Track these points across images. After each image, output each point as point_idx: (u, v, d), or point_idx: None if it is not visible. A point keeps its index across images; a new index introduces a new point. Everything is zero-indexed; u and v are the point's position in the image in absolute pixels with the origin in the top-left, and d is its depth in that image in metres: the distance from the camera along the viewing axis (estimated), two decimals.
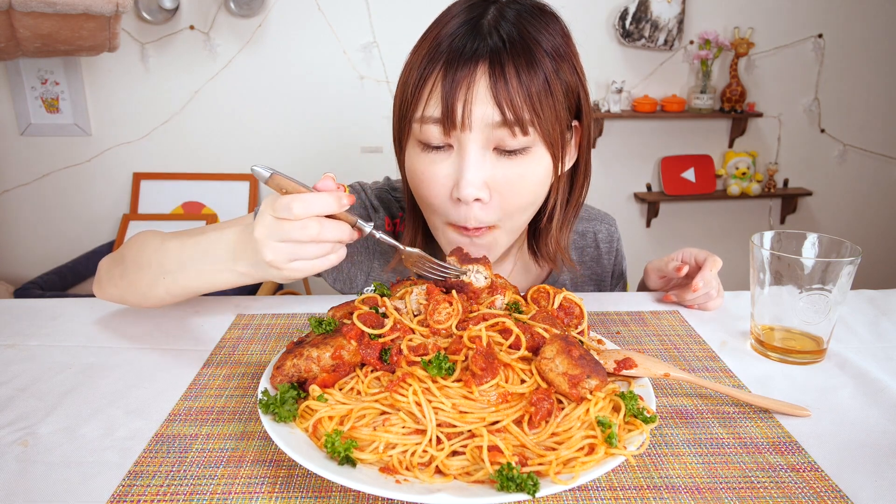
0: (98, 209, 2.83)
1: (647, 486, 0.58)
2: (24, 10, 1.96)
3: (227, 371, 0.78)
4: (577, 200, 0.93)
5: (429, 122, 0.77)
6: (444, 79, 0.75)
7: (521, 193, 0.80)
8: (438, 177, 0.79)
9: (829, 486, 0.58)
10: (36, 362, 0.80)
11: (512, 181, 0.79)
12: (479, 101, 0.75)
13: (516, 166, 0.79)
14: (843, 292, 0.78)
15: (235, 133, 2.80)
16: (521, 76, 0.75)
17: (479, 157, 0.77)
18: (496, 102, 0.74)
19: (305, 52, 2.72)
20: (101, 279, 0.91)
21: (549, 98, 0.77)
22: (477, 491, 0.53)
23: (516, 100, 0.74)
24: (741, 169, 3.04)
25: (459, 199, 0.78)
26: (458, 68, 0.75)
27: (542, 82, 0.76)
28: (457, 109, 0.75)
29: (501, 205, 0.80)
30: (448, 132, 0.77)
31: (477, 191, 0.77)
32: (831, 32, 2.95)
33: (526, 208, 0.84)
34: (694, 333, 0.89)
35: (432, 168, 0.80)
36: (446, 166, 0.79)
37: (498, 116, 0.75)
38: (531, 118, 0.76)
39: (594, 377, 0.60)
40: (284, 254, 0.65)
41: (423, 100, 0.78)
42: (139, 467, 0.60)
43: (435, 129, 0.77)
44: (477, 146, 0.77)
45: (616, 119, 2.92)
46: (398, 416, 0.59)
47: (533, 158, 0.79)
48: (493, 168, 0.78)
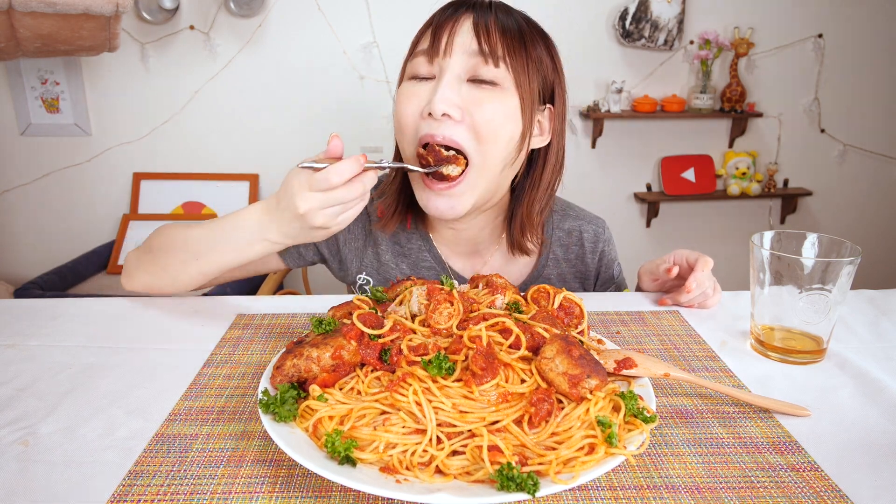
0: (98, 209, 2.83)
1: (647, 485, 0.58)
2: (24, 10, 1.96)
3: (227, 371, 0.79)
4: (550, 182, 1.00)
5: (418, 55, 0.90)
6: (434, 24, 0.90)
7: (486, 122, 0.88)
8: (416, 98, 0.90)
9: (829, 486, 0.58)
10: (36, 362, 0.80)
11: (480, 107, 0.88)
12: (462, 32, 0.88)
13: (487, 96, 0.88)
14: (843, 292, 0.78)
15: (235, 133, 2.80)
16: (500, 21, 0.89)
17: (454, 79, 0.88)
18: (475, 33, 0.88)
19: (305, 52, 2.72)
20: (130, 269, 1.00)
21: (522, 50, 0.89)
22: (477, 491, 0.53)
23: (493, 36, 0.87)
24: (741, 169, 3.04)
25: (431, 113, 0.87)
26: (447, 12, 0.90)
27: (517, 34, 0.89)
28: (442, 39, 0.88)
29: (469, 127, 0.88)
30: (432, 59, 0.89)
31: (446, 106, 0.86)
32: (831, 32, 2.95)
33: (491, 139, 0.89)
34: (694, 333, 0.89)
35: (412, 91, 0.91)
36: (426, 90, 0.90)
37: (475, 45, 0.87)
38: (503, 54, 0.88)
39: (594, 377, 0.60)
40: (332, 214, 0.78)
41: (417, 44, 0.92)
42: (139, 467, 0.60)
43: (422, 61, 0.90)
44: (453, 73, 0.88)
45: (616, 119, 2.92)
46: (398, 415, 0.59)
47: (503, 94, 0.89)
48: (465, 94, 0.88)
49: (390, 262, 1.07)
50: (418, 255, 1.06)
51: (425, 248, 1.06)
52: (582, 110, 2.92)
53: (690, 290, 0.95)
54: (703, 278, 0.96)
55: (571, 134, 2.97)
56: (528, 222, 1.00)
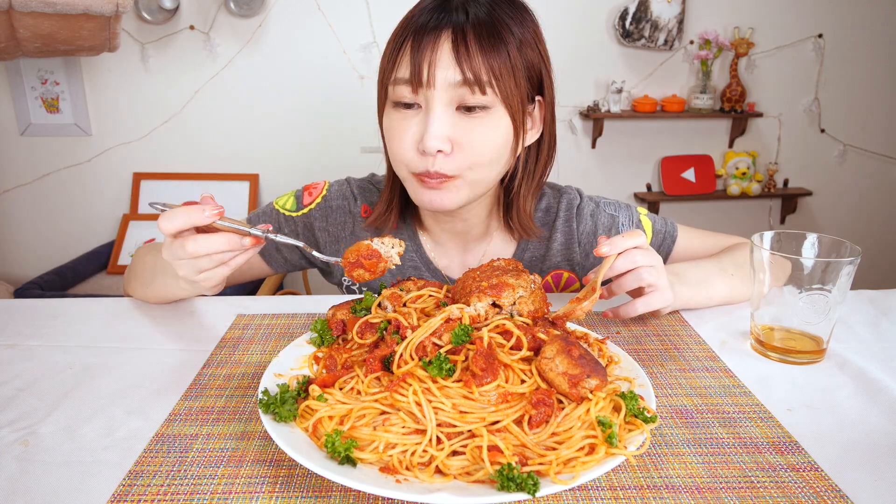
0: (98, 209, 2.83)
1: (647, 485, 0.58)
2: (24, 10, 1.96)
3: (227, 371, 0.79)
4: (542, 172, 1.00)
5: (400, 83, 0.87)
6: (412, 45, 0.85)
7: (480, 149, 0.88)
8: (407, 132, 0.88)
9: (829, 486, 0.58)
10: (36, 362, 0.80)
11: (472, 136, 0.87)
12: (442, 64, 0.84)
13: (477, 123, 0.87)
14: (843, 292, 0.78)
15: (235, 133, 2.80)
16: (480, 43, 0.84)
17: (443, 113, 0.86)
18: (456, 64, 0.84)
19: (305, 52, 2.72)
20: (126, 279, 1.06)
21: (508, 64, 0.86)
22: (477, 491, 0.53)
23: (475, 62, 0.84)
24: (741, 169, 3.04)
25: (424, 150, 0.86)
26: (424, 35, 0.85)
27: (500, 51, 0.85)
28: (423, 70, 0.84)
29: (463, 158, 0.88)
30: (416, 90, 0.86)
31: (439, 143, 0.85)
32: (831, 32, 2.95)
33: (487, 165, 0.90)
34: (694, 333, 0.89)
35: (402, 124, 0.89)
36: (415, 122, 0.88)
37: (459, 76, 0.84)
38: (489, 79, 0.85)
39: (594, 377, 0.60)
40: (188, 269, 0.75)
41: (396, 65, 0.87)
42: (139, 467, 0.60)
43: (405, 89, 0.87)
44: (441, 104, 0.85)
45: (616, 119, 2.92)
46: (398, 415, 0.59)
47: (492, 118, 0.87)
48: (455, 125, 0.86)
49: None
50: (406, 255, 1.06)
51: (413, 248, 1.06)
52: (582, 110, 2.92)
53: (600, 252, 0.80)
54: (622, 245, 0.80)
55: (571, 134, 2.97)
56: (524, 210, 1.01)
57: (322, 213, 1.07)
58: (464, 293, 0.70)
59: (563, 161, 2.91)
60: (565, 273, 1.08)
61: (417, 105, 0.87)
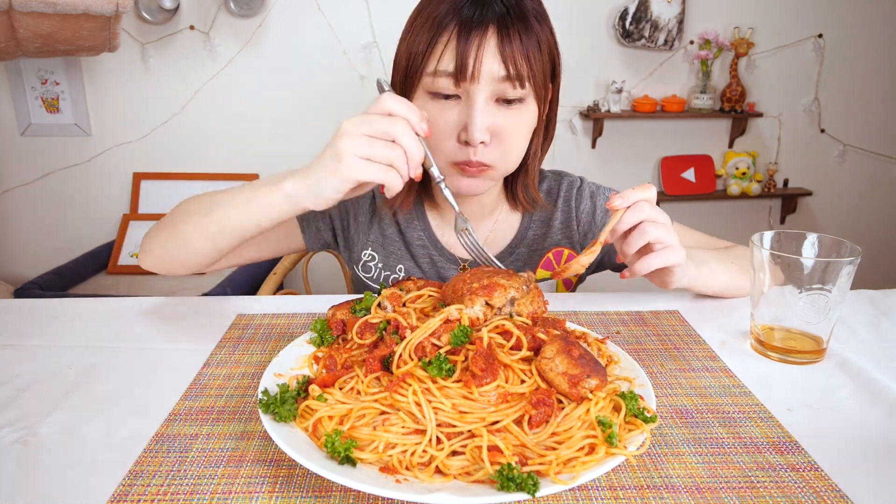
0: (98, 209, 2.83)
1: (647, 485, 0.58)
2: (24, 10, 1.96)
3: (227, 371, 0.79)
4: (546, 148, 1.06)
5: (441, 76, 0.88)
6: (459, 38, 0.87)
7: (516, 138, 0.94)
8: (449, 123, 0.91)
9: (829, 486, 0.58)
10: (36, 362, 0.80)
11: (510, 127, 0.91)
12: (489, 58, 0.87)
13: (514, 115, 0.91)
14: (843, 292, 0.78)
15: (235, 133, 2.80)
16: (522, 39, 0.87)
17: (485, 106, 0.89)
18: (502, 60, 0.87)
19: (305, 52, 2.72)
20: (146, 242, 0.98)
21: (540, 57, 0.90)
22: (477, 490, 0.53)
23: (518, 59, 0.87)
24: (741, 169, 3.04)
25: (468, 142, 0.90)
26: (472, 29, 0.86)
27: (535, 44, 0.89)
28: (469, 64, 0.86)
29: (500, 148, 0.92)
30: (458, 84, 0.88)
31: (483, 135, 0.89)
32: (831, 32, 2.95)
33: (518, 153, 0.96)
34: (694, 333, 0.89)
35: (443, 115, 0.91)
36: (455, 113, 0.90)
37: (503, 72, 0.87)
38: (528, 74, 0.89)
39: (594, 377, 0.60)
40: (359, 147, 0.74)
41: (437, 56, 0.88)
42: (139, 467, 0.60)
43: (447, 81, 0.88)
44: (483, 97, 0.88)
45: (616, 119, 2.92)
46: (398, 416, 0.59)
47: (526, 108, 0.92)
48: (495, 116, 0.90)
49: (393, 235, 1.10)
50: (414, 233, 1.10)
51: (421, 227, 1.10)
52: (582, 110, 2.92)
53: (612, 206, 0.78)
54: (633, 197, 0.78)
55: (571, 134, 2.97)
56: (532, 183, 1.06)
57: None
58: (455, 296, 0.70)
59: (563, 161, 2.91)
60: (566, 250, 1.11)
61: (456, 96, 0.90)
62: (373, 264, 1.11)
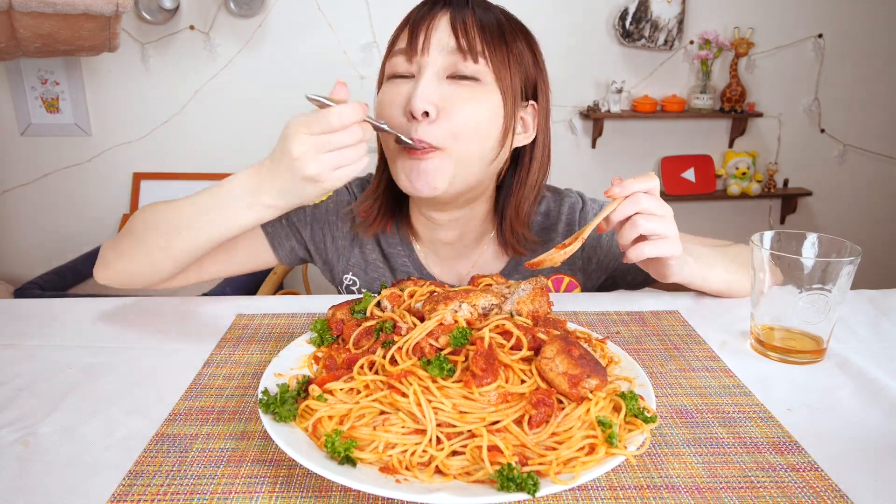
0: (98, 209, 2.84)
1: (647, 485, 0.58)
2: (24, 10, 1.96)
3: (227, 371, 0.78)
4: (537, 180, 0.99)
5: (396, 55, 0.89)
6: (413, 19, 0.89)
7: (464, 118, 0.87)
8: (398, 97, 0.88)
9: (829, 486, 0.58)
10: (36, 362, 0.80)
11: (458, 103, 0.86)
12: (439, 29, 0.87)
13: (465, 91, 0.87)
14: (843, 292, 0.78)
15: (235, 133, 2.80)
16: (478, 17, 0.87)
17: (433, 77, 0.87)
18: (452, 30, 0.86)
19: (305, 52, 2.72)
20: (106, 255, 0.94)
21: (502, 45, 0.88)
22: (477, 490, 0.53)
23: (471, 31, 0.86)
24: (741, 169, 3.04)
25: (411, 112, 0.85)
26: (423, 9, 0.89)
27: (496, 28, 0.88)
28: (419, 36, 0.87)
29: (447, 125, 0.86)
30: (410, 58, 0.88)
31: (425, 104, 0.84)
32: (831, 32, 2.95)
33: (470, 137, 0.88)
34: (694, 333, 0.89)
35: (394, 91, 0.89)
36: (406, 89, 0.88)
37: (453, 43, 0.86)
38: (482, 49, 0.87)
39: (594, 377, 0.60)
40: (328, 163, 0.74)
41: (395, 42, 0.91)
42: (139, 467, 0.60)
43: (401, 59, 0.89)
44: (432, 69, 0.87)
45: (616, 119, 2.92)
46: (398, 415, 0.59)
47: (482, 91, 0.88)
48: (443, 90, 0.87)
49: (378, 260, 1.06)
50: (398, 259, 1.05)
51: (405, 253, 1.05)
52: (582, 110, 2.92)
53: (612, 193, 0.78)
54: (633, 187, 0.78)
55: (571, 134, 2.97)
56: (517, 221, 0.98)
57: (335, 206, 1.07)
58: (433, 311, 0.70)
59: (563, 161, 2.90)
60: (566, 278, 1.06)
61: (411, 75, 0.89)
62: (355, 288, 1.07)
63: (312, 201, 0.79)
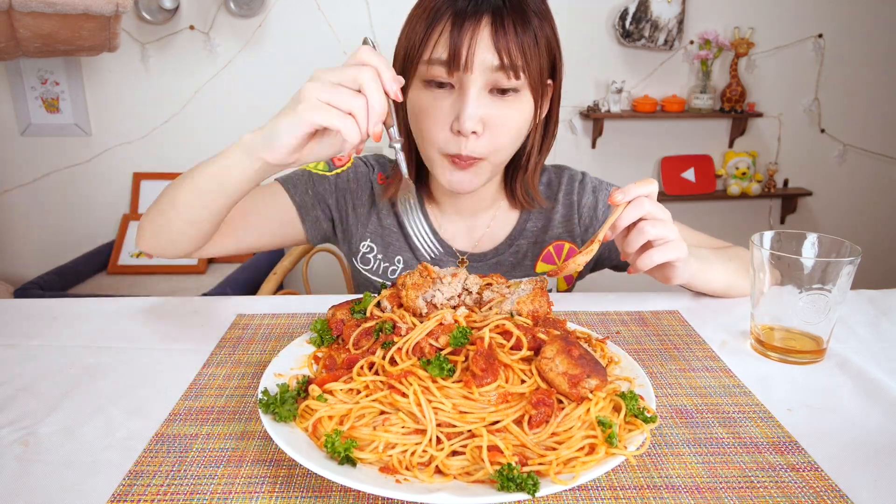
0: (98, 209, 2.83)
1: (647, 485, 0.58)
2: (24, 10, 1.96)
3: (227, 371, 0.79)
4: (547, 147, 1.06)
5: (435, 64, 0.89)
6: (452, 27, 0.87)
7: (508, 130, 0.93)
8: (441, 111, 0.91)
9: (829, 486, 0.58)
10: (36, 362, 0.80)
11: (502, 118, 0.91)
12: (482, 48, 0.87)
13: (507, 106, 0.91)
14: (843, 292, 0.78)
15: (235, 133, 2.76)
16: (517, 30, 0.88)
17: (478, 96, 0.89)
18: (496, 50, 0.87)
19: (305, 52, 2.72)
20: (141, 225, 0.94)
21: (536, 49, 0.90)
22: (477, 490, 0.53)
23: (513, 49, 0.87)
24: (741, 169, 3.04)
25: (459, 131, 0.89)
26: (465, 19, 0.87)
27: (531, 37, 0.89)
28: (462, 53, 0.87)
29: (491, 139, 0.92)
30: (452, 73, 0.89)
31: (474, 124, 0.89)
32: (831, 32, 2.95)
33: (510, 146, 0.96)
34: (694, 333, 0.89)
35: (436, 104, 0.91)
36: (448, 103, 0.91)
37: (497, 61, 0.87)
38: (522, 65, 0.89)
39: (594, 377, 0.60)
40: (322, 91, 0.70)
41: (432, 45, 0.89)
42: (139, 467, 0.60)
43: (441, 70, 0.89)
44: (476, 86, 0.89)
45: (616, 119, 2.92)
46: (398, 415, 0.59)
47: (520, 100, 0.92)
48: (488, 106, 0.90)
49: (392, 226, 1.11)
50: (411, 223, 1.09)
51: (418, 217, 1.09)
52: (582, 110, 2.92)
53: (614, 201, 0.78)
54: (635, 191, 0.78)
55: (571, 134, 2.97)
56: (531, 182, 1.07)
57: (354, 176, 1.12)
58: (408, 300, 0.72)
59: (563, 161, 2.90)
60: (567, 244, 1.11)
61: (450, 85, 0.90)
62: (371, 256, 1.11)
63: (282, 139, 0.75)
